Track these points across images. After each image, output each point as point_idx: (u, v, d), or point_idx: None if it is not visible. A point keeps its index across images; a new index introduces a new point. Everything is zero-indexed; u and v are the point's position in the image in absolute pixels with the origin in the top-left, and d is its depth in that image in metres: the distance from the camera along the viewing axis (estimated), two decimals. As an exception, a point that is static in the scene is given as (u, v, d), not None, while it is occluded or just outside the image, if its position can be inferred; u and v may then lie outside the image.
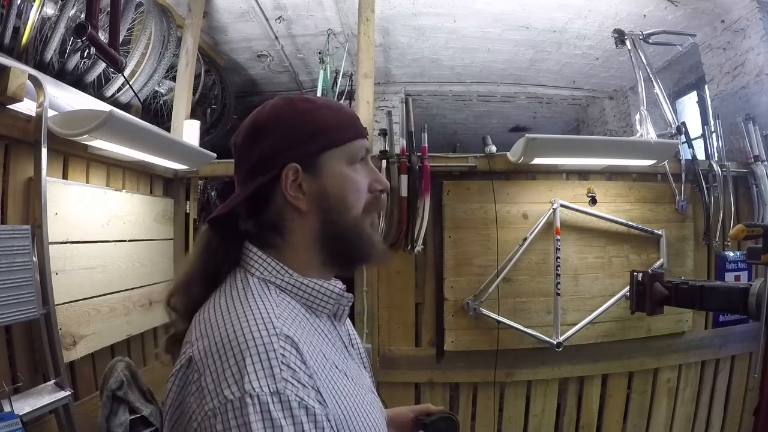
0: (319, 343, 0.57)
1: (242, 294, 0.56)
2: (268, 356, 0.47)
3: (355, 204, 0.62)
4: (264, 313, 0.52)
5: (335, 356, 0.59)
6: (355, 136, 0.65)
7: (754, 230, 1.38)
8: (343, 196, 0.62)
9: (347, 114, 0.67)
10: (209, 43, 3.44)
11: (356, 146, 0.64)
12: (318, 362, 0.53)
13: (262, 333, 0.49)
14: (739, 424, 2.35)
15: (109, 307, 1.71)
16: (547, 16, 3.10)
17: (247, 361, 0.47)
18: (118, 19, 1.78)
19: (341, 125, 0.64)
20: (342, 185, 0.62)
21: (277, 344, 0.48)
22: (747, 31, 2.69)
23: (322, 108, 0.64)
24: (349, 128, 0.65)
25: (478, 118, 5.03)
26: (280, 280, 0.60)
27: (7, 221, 1.33)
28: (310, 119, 0.62)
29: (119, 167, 1.88)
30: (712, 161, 2.27)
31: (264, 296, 0.56)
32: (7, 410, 1.16)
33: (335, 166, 0.62)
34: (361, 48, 2.34)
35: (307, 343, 0.53)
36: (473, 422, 2.14)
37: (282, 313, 0.54)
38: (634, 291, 1.63)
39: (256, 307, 0.53)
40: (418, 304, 2.14)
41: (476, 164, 2.13)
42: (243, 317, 0.51)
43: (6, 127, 1.31)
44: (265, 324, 0.50)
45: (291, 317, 0.55)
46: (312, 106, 0.64)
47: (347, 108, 0.69)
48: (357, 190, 0.63)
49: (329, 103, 0.66)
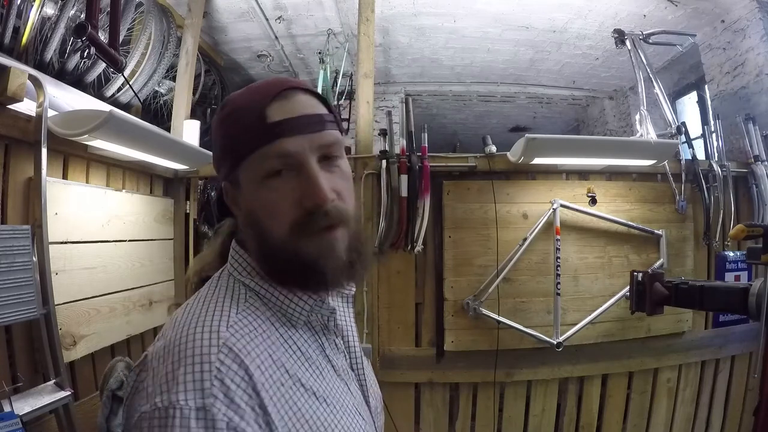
0: (285, 358, 0.51)
1: (210, 294, 0.54)
2: (202, 368, 0.44)
3: (272, 225, 0.53)
4: (217, 319, 0.49)
5: (305, 374, 0.52)
6: (255, 145, 0.52)
7: (754, 230, 1.38)
8: (259, 217, 0.54)
9: (251, 112, 0.53)
10: (209, 43, 3.45)
11: (257, 159, 0.52)
12: (274, 379, 0.48)
13: (203, 342, 0.46)
14: (739, 424, 2.34)
15: (109, 307, 1.71)
16: (547, 16, 3.10)
17: (180, 370, 0.44)
18: (118, 19, 1.78)
19: (240, 134, 0.53)
20: (255, 206, 0.54)
21: (215, 356, 0.45)
22: (747, 31, 2.69)
23: (232, 113, 0.55)
24: (247, 136, 0.53)
25: (478, 118, 5.03)
26: (255, 284, 0.55)
27: (7, 221, 1.33)
28: (223, 130, 0.56)
29: (119, 167, 1.88)
30: (712, 161, 2.27)
31: (230, 299, 0.53)
32: (7, 410, 1.16)
33: (249, 184, 0.55)
34: (361, 48, 2.34)
35: (263, 358, 0.48)
36: (473, 422, 2.14)
37: (239, 321, 0.50)
38: (634, 291, 1.63)
39: (212, 312, 0.50)
40: (418, 304, 2.14)
41: (476, 164, 2.13)
42: (195, 321, 0.49)
43: (6, 127, 1.31)
44: (211, 332, 0.47)
45: (251, 326, 0.50)
46: (226, 111, 0.56)
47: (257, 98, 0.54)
48: (270, 210, 0.53)
49: (240, 99, 0.56)
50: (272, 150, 0.52)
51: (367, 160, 2.12)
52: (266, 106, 0.52)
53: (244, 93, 0.57)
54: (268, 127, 0.52)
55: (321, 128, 0.54)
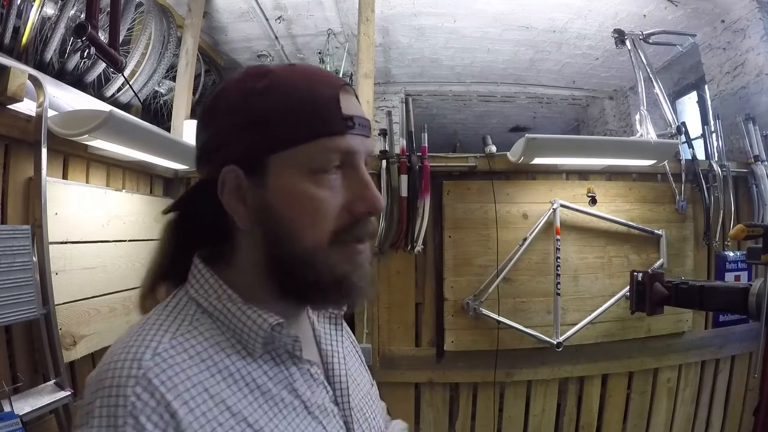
0: (228, 393, 0.43)
1: (156, 314, 0.47)
2: (116, 402, 0.38)
3: (309, 232, 0.46)
4: (144, 345, 0.42)
5: (256, 412, 0.44)
6: (318, 133, 0.45)
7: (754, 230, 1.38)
8: (292, 219, 0.46)
9: (315, 95, 0.46)
10: (209, 43, 3.45)
11: (318, 149, 0.45)
12: (209, 418, 0.41)
13: (123, 371, 0.40)
14: (739, 424, 2.35)
15: (109, 307, 1.71)
16: (547, 16, 3.10)
17: (96, 403, 0.39)
18: (118, 19, 1.78)
19: (296, 115, 0.45)
20: (291, 205, 0.46)
21: (131, 389, 0.39)
22: (747, 31, 2.69)
23: (277, 88, 0.46)
24: (310, 120, 0.45)
25: (478, 118, 5.03)
26: (207, 303, 0.47)
27: (7, 221, 1.33)
28: (256, 106, 0.46)
29: (119, 167, 1.88)
30: (712, 161, 2.27)
31: (173, 320, 0.46)
32: (7, 410, 1.15)
33: (285, 176, 0.46)
34: (361, 48, 2.34)
35: (195, 392, 0.41)
36: (473, 422, 2.14)
37: (172, 348, 0.42)
38: (634, 291, 1.63)
39: (143, 337, 0.43)
40: (418, 304, 2.14)
41: (476, 164, 2.13)
42: (122, 347, 0.43)
43: (6, 127, 1.31)
44: (133, 361, 0.40)
45: (188, 354, 0.43)
46: (265, 84, 0.46)
47: (322, 83, 0.47)
48: (314, 212, 0.46)
49: (293, 77, 0.47)
50: (341, 143, 0.46)
51: (366, 160, 2.11)
52: (338, 93, 0.46)
53: (294, 71, 0.48)
54: (342, 117, 0.46)
55: (369, 134, 0.50)
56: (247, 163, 0.46)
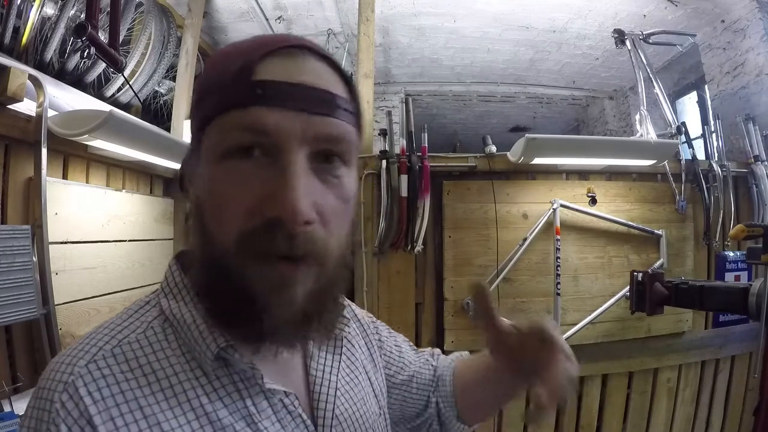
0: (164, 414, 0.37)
1: (118, 316, 0.44)
2: (43, 406, 0.36)
3: (218, 227, 0.38)
4: (86, 348, 0.38)
5: None
6: (228, 102, 0.37)
7: (754, 230, 1.38)
8: (205, 210, 0.39)
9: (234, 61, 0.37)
10: (209, 43, 3.44)
11: (221, 125, 0.37)
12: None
13: (56, 375, 0.37)
14: (739, 424, 2.35)
15: (109, 307, 1.71)
16: (547, 16, 3.10)
17: (31, 403, 0.37)
18: (118, 19, 1.78)
19: (216, 85, 0.38)
20: (200, 192, 0.40)
21: (57, 395, 0.36)
22: (747, 31, 2.69)
23: (214, 63, 0.41)
24: (219, 93, 0.37)
25: (478, 118, 5.03)
26: (167, 306, 0.43)
27: (7, 221, 1.33)
28: (200, 81, 0.42)
29: (119, 167, 1.88)
30: (712, 161, 2.27)
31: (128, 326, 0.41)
32: (7, 410, 1.16)
33: (205, 159, 0.39)
34: (361, 48, 2.34)
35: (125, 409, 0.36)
36: (473, 422, 2.14)
37: (114, 356, 0.38)
38: (634, 291, 1.63)
39: (92, 339, 0.40)
40: (418, 304, 2.14)
41: (476, 164, 2.13)
42: (71, 348, 0.40)
43: (6, 127, 1.31)
44: (69, 363, 0.37)
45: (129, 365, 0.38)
46: (214, 58, 0.42)
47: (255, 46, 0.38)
48: (216, 206, 0.38)
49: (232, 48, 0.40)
50: (244, 117, 0.36)
51: (367, 160, 2.11)
52: (258, 59, 0.37)
53: (243, 41, 0.41)
54: (248, 85, 0.36)
55: (328, 112, 0.38)
56: (193, 144, 0.41)
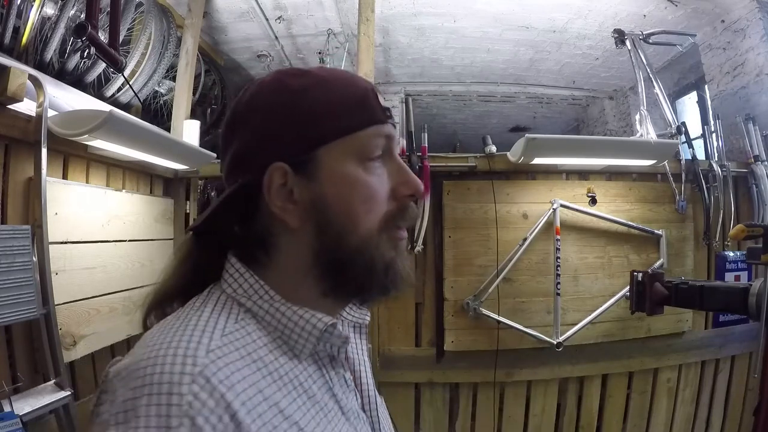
0: (280, 395, 0.41)
1: (195, 309, 0.45)
2: (169, 401, 0.35)
3: (365, 218, 0.46)
4: (196, 341, 0.39)
5: (305, 416, 0.43)
6: (367, 121, 0.47)
7: (754, 230, 1.39)
8: (348, 207, 0.46)
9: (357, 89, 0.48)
10: (209, 43, 3.44)
11: (368, 136, 0.47)
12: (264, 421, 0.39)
13: (175, 367, 0.36)
14: (739, 424, 2.35)
15: (109, 307, 1.71)
16: (547, 16, 3.10)
17: (143, 400, 0.35)
18: (118, 19, 1.78)
19: (345, 107, 0.47)
20: (347, 192, 0.46)
21: (186, 387, 0.35)
22: (747, 31, 2.69)
23: (320, 84, 0.48)
24: (358, 110, 0.47)
25: (478, 118, 5.03)
26: (251, 303, 0.46)
27: (7, 221, 1.33)
28: (301, 102, 0.47)
29: (119, 167, 1.88)
30: (712, 161, 2.27)
31: (218, 317, 0.43)
32: (7, 410, 1.15)
33: (338, 166, 0.46)
34: (361, 48, 2.34)
35: (251, 393, 0.39)
36: (473, 422, 2.14)
37: (225, 346, 0.40)
38: (634, 291, 1.63)
39: (192, 331, 0.40)
40: (418, 304, 2.14)
41: (476, 164, 2.13)
42: (169, 340, 0.39)
43: (6, 127, 1.31)
44: (186, 356, 0.37)
45: (240, 353, 0.41)
46: (306, 82, 0.48)
47: (359, 80, 0.50)
48: (369, 198, 0.47)
49: (331, 76, 0.49)
50: (385, 130, 0.49)
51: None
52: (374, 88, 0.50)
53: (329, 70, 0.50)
54: (383, 108, 0.49)
55: None
56: (296, 158, 0.46)
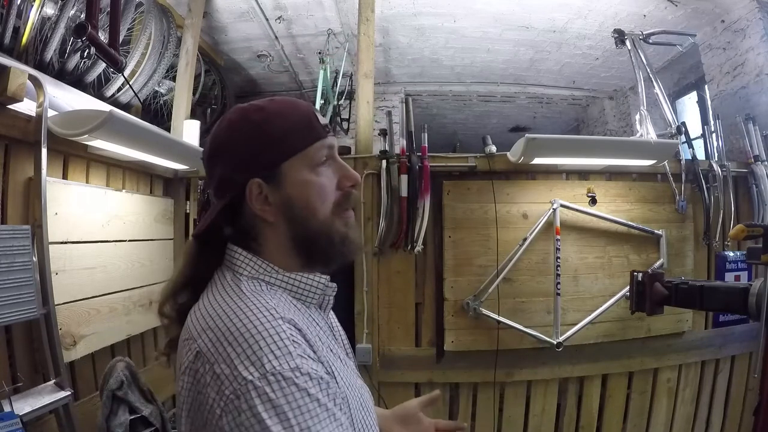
0: (315, 329, 0.61)
1: (237, 290, 0.58)
2: (280, 337, 0.50)
3: (320, 208, 0.63)
4: (263, 303, 0.55)
5: (329, 342, 0.63)
6: (313, 139, 0.64)
7: (754, 230, 1.38)
8: (307, 202, 0.63)
9: (301, 117, 0.65)
10: (209, 43, 3.45)
11: (315, 149, 0.64)
12: (318, 345, 0.56)
13: (269, 319, 0.52)
14: (739, 424, 2.35)
15: (109, 307, 1.71)
16: (547, 16, 3.11)
17: (261, 344, 0.49)
18: (118, 19, 1.78)
19: (296, 132, 0.63)
20: (305, 192, 0.63)
21: (285, 326, 0.52)
22: (747, 31, 2.69)
23: (275, 116, 0.64)
24: (305, 133, 0.64)
25: (478, 118, 5.04)
26: (269, 277, 0.62)
27: (7, 221, 1.33)
28: (264, 131, 0.62)
29: (119, 167, 1.88)
30: (712, 161, 2.27)
31: (258, 291, 0.59)
32: (7, 410, 1.16)
33: (296, 175, 0.63)
34: (361, 48, 2.34)
35: (305, 326, 0.57)
36: (473, 422, 2.14)
37: (279, 303, 0.57)
38: (634, 291, 1.63)
39: (255, 300, 0.56)
40: (418, 304, 2.14)
41: (476, 164, 2.13)
42: (246, 309, 0.54)
43: (6, 127, 1.31)
44: (269, 311, 0.54)
45: (287, 307, 0.58)
46: (264, 115, 0.63)
47: (302, 108, 0.66)
48: (320, 194, 0.63)
49: (282, 107, 0.65)
50: (326, 143, 0.65)
51: (367, 160, 2.12)
52: (313, 112, 0.66)
53: (278, 102, 0.66)
54: (321, 126, 0.65)
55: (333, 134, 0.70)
56: (266, 173, 0.62)
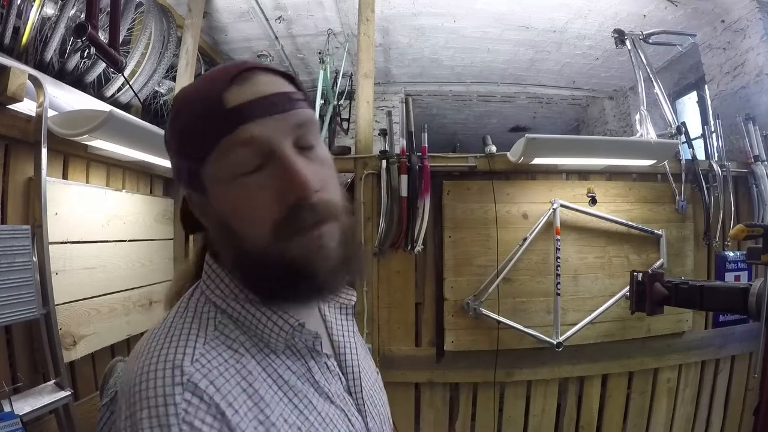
0: (264, 391, 0.45)
1: (177, 320, 0.47)
2: (167, 411, 0.39)
3: (250, 231, 0.46)
4: (181, 352, 0.43)
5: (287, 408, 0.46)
6: (218, 133, 0.44)
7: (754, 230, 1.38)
8: (232, 222, 0.47)
9: (200, 105, 0.46)
10: (209, 43, 3.45)
11: (221, 153, 0.45)
12: (251, 418, 0.42)
13: (165, 380, 0.40)
14: (739, 424, 2.34)
15: (109, 307, 1.71)
16: (547, 16, 3.11)
17: (144, 413, 0.39)
18: (118, 19, 1.77)
19: (195, 130, 0.46)
20: (226, 210, 0.47)
21: (180, 396, 0.39)
22: (747, 31, 2.69)
23: (183, 108, 0.48)
24: (205, 129, 0.45)
25: (478, 118, 5.03)
26: (226, 305, 0.49)
27: (7, 221, 1.33)
28: (176, 130, 0.49)
29: (119, 167, 1.88)
30: (712, 161, 2.27)
31: (197, 326, 0.46)
32: (7, 410, 1.15)
33: (213, 187, 0.47)
34: (361, 48, 2.34)
35: (236, 393, 0.43)
36: (473, 422, 2.14)
37: (207, 354, 0.44)
38: (634, 291, 1.63)
39: (176, 343, 0.44)
40: (418, 304, 2.14)
41: (476, 164, 2.13)
42: (157, 354, 0.43)
43: (6, 127, 1.31)
44: (174, 368, 0.41)
45: (222, 358, 0.44)
46: (176, 107, 0.49)
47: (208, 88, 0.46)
48: (244, 214, 0.46)
49: (192, 90, 0.49)
50: (236, 139, 0.44)
51: (367, 160, 2.12)
52: (223, 91, 0.45)
53: (197, 82, 0.50)
54: (226, 114, 0.44)
55: (290, 107, 0.46)
56: (194, 183, 0.48)
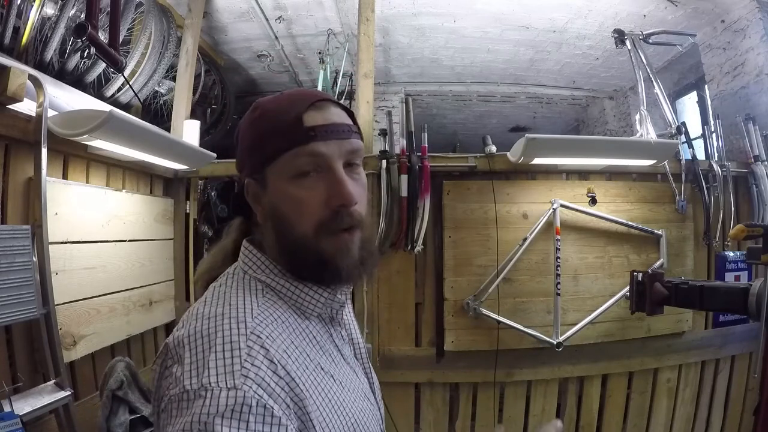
0: (304, 345, 0.57)
1: (229, 289, 0.57)
2: (232, 354, 0.47)
3: (298, 223, 0.58)
4: (242, 310, 0.53)
5: (322, 359, 0.58)
6: (288, 146, 0.57)
7: (754, 230, 1.38)
8: (284, 214, 0.58)
9: (286, 117, 0.58)
10: (209, 43, 3.45)
11: (289, 158, 0.57)
12: (299, 363, 0.53)
13: (232, 330, 0.50)
14: (739, 424, 2.35)
15: (109, 307, 1.71)
16: (547, 16, 3.10)
17: (211, 356, 0.47)
18: (118, 19, 1.78)
19: (275, 135, 0.58)
20: (282, 203, 0.59)
21: (244, 342, 0.49)
22: (747, 31, 2.69)
23: (262, 116, 0.61)
24: (281, 137, 0.57)
25: (478, 118, 5.03)
26: (270, 280, 0.60)
27: (7, 221, 1.33)
28: (253, 131, 0.61)
29: (119, 167, 1.88)
30: (712, 161, 2.27)
31: (250, 294, 0.57)
32: (7, 410, 1.16)
33: (276, 182, 0.59)
34: (361, 48, 2.34)
35: (287, 344, 0.53)
36: (473, 422, 2.14)
37: (262, 313, 0.54)
38: (634, 291, 1.63)
39: (236, 304, 0.54)
40: (418, 304, 2.14)
41: (476, 164, 2.13)
42: (220, 312, 0.52)
43: (6, 127, 1.31)
44: (239, 322, 0.51)
45: (272, 317, 0.55)
46: (256, 115, 0.61)
47: (294, 106, 0.59)
48: (297, 209, 0.58)
49: (275, 105, 0.61)
50: (306, 150, 0.57)
51: (367, 160, 2.11)
52: (303, 112, 0.58)
53: (277, 99, 0.62)
54: (304, 130, 0.57)
55: (347, 136, 0.60)
56: (256, 175, 0.61)
